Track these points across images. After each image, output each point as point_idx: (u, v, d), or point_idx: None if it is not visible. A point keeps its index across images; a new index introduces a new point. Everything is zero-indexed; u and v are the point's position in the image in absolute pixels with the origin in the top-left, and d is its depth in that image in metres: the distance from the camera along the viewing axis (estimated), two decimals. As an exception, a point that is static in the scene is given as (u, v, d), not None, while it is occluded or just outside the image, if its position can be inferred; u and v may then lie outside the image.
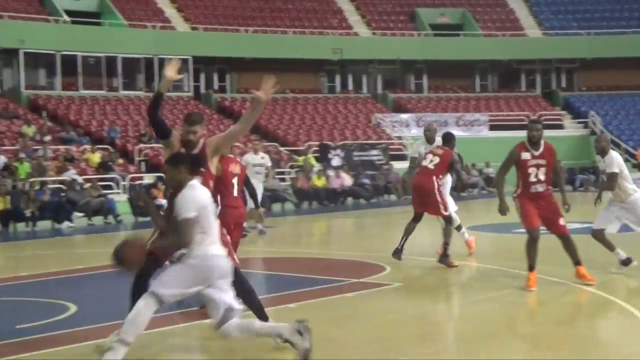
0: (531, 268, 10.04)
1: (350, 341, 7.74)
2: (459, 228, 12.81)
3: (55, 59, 34.45)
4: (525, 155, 10.06)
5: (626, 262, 11.10)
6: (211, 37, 38.16)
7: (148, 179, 27.16)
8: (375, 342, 7.70)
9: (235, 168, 9.04)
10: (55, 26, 34.89)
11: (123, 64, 36.15)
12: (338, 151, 32.31)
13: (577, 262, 10.27)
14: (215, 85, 39.45)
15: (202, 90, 38.79)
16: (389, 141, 34.99)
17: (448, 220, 12.13)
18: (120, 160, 28.31)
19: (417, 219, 12.35)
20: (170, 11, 39.45)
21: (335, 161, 31.63)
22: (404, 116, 38.01)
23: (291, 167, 30.69)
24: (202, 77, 39.32)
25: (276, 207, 26.82)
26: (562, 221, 10.15)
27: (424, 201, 12.17)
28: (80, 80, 35.04)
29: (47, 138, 28.48)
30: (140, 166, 29.22)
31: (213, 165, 7.41)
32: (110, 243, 16.48)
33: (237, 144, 24.71)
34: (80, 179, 24.25)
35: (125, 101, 34.99)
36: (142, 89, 36.75)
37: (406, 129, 36.88)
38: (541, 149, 10.09)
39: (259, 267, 13.03)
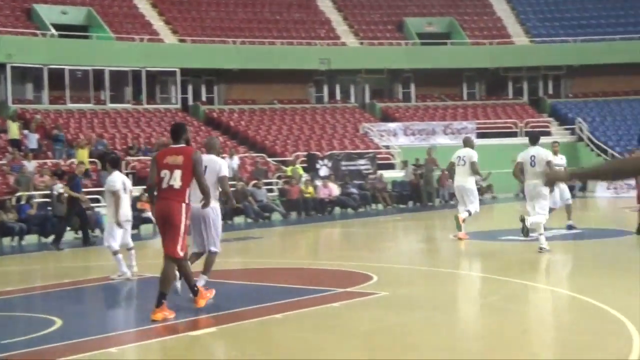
0: None
1: (336, 351, 7.74)
2: None
3: (43, 73, 34.39)
4: None
5: None
6: (199, 49, 38.16)
7: (135, 191, 27.04)
8: (361, 351, 7.71)
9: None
10: (43, 40, 34.81)
11: (110, 77, 36.12)
12: (326, 161, 32.30)
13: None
14: (203, 97, 39.43)
15: (190, 102, 38.76)
16: (377, 150, 35.00)
17: None
18: (109, 173, 28.09)
19: None
20: (158, 24, 39.42)
21: (323, 171, 31.58)
22: (392, 125, 38.00)
23: (279, 177, 30.64)
24: (190, 89, 39.28)
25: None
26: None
27: None
28: (68, 94, 34.99)
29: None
30: (128, 178, 29.04)
31: None
32: (96, 256, 16.35)
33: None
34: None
35: (113, 114, 34.90)
36: (130, 102, 36.70)
37: (394, 138, 36.94)
38: None
39: (245, 278, 13.01)
